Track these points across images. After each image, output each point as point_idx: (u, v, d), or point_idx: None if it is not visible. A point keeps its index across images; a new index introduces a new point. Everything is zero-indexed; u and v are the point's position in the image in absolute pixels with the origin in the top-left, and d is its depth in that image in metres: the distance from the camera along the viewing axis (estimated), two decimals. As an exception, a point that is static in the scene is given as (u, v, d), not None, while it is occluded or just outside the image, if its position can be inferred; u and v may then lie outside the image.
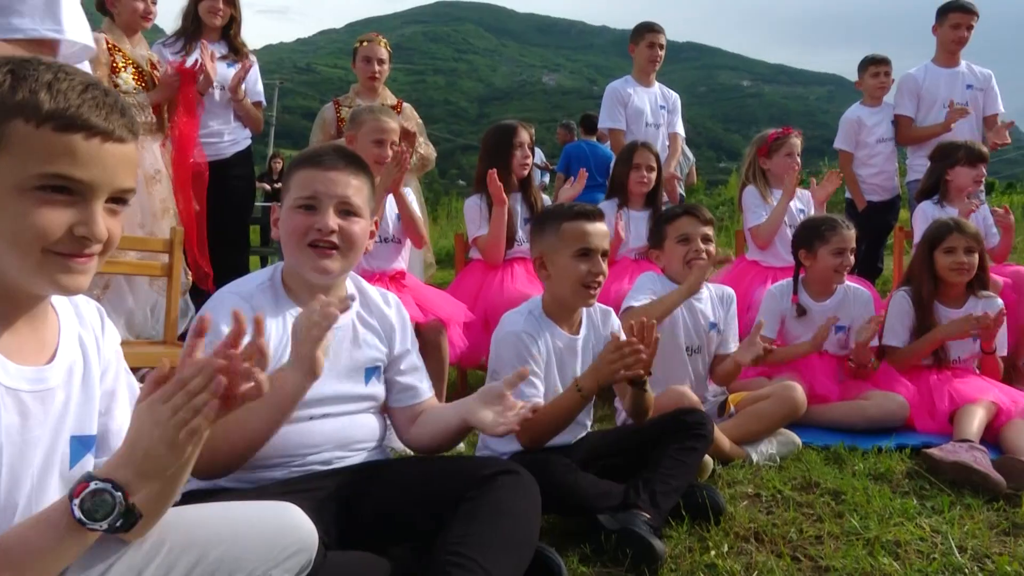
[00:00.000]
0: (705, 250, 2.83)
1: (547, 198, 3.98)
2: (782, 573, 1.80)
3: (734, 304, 2.99)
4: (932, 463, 2.49)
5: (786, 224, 3.91)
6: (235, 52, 4.02)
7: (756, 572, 1.80)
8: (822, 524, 2.07)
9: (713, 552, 1.89)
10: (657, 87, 4.77)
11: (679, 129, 4.86)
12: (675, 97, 4.85)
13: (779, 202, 3.94)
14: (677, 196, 4.70)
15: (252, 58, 4.10)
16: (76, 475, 1.06)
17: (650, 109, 4.65)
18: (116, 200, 1.05)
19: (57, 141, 0.97)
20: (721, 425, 2.67)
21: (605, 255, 2.21)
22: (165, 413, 0.97)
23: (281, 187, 1.84)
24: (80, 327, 1.18)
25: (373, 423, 1.83)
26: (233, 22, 4.05)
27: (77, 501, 0.95)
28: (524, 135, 3.64)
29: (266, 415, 1.51)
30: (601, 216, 2.26)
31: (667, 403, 2.40)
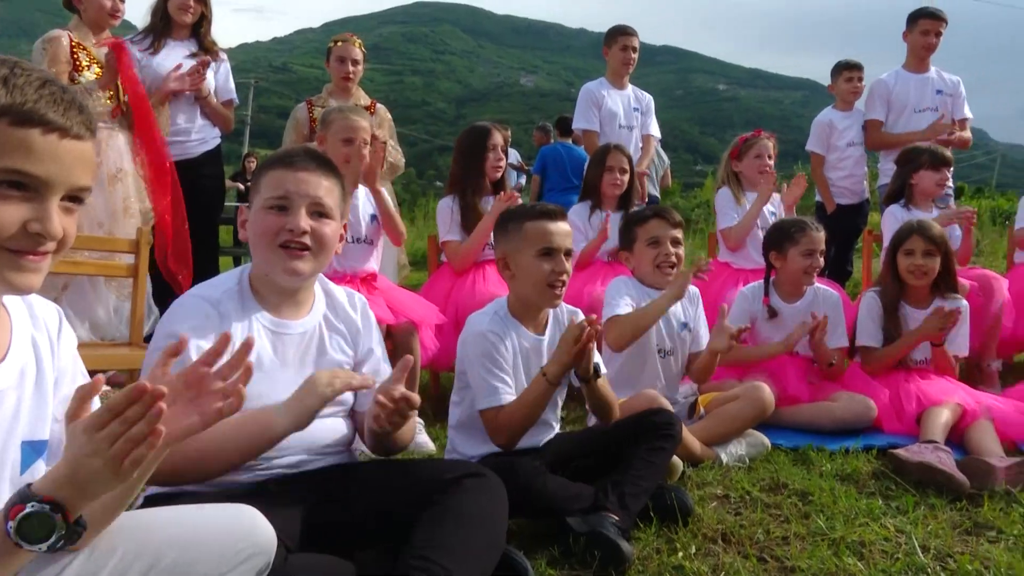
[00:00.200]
0: (675, 253, 2.85)
1: (522, 200, 3.97)
2: (748, 574, 1.81)
3: (700, 301, 3.01)
4: (898, 463, 2.52)
5: (758, 226, 3.94)
6: (205, 50, 3.97)
7: (723, 573, 1.81)
8: (789, 525, 2.09)
9: (681, 554, 1.89)
10: (631, 89, 4.80)
11: (653, 130, 4.89)
12: (648, 99, 4.88)
13: (753, 205, 3.97)
14: (645, 194, 4.72)
15: (223, 55, 4.05)
16: (26, 481, 1.03)
17: (623, 111, 4.67)
18: (72, 198, 1.03)
19: (13, 136, 0.95)
20: (691, 427, 2.69)
21: (568, 254, 2.21)
22: (102, 444, 0.93)
23: (250, 189, 1.81)
24: (33, 328, 1.15)
25: (341, 427, 1.81)
26: (203, 20, 4.00)
27: (13, 524, 0.92)
28: (498, 137, 3.63)
29: (244, 447, 1.53)
30: (563, 216, 2.25)
31: (638, 406, 2.41)
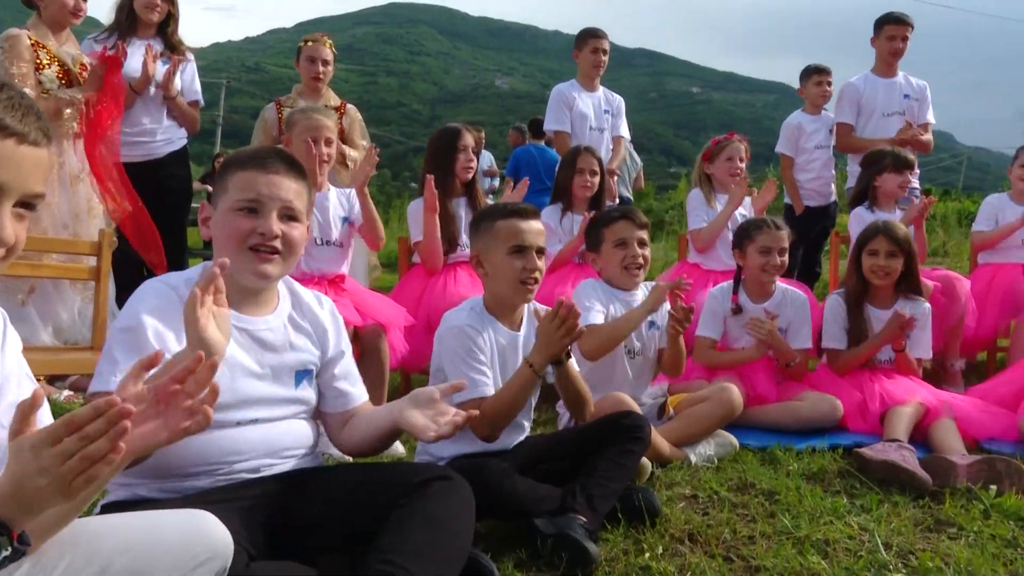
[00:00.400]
0: (642, 254, 2.86)
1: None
2: (714, 574, 1.82)
3: (667, 301, 3.03)
4: (863, 462, 2.56)
5: (728, 228, 3.98)
6: (172, 49, 3.92)
7: (689, 573, 1.82)
8: (755, 524, 2.10)
9: (648, 554, 1.90)
10: (602, 91, 4.81)
11: (623, 132, 4.91)
12: (619, 101, 4.90)
13: (724, 208, 4.01)
14: (616, 194, 4.74)
15: (189, 55, 4.00)
16: None
17: (594, 113, 4.69)
18: (25, 204, 1.01)
19: None
20: (660, 428, 2.70)
21: (541, 252, 2.24)
22: (53, 461, 0.90)
23: (215, 186, 1.77)
24: None
25: (304, 429, 1.79)
26: (170, 18, 3.95)
27: None
28: (468, 139, 3.63)
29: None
30: (536, 214, 2.29)
31: (607, 408, 2.42)
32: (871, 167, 4.10)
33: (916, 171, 4.57)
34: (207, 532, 1.19)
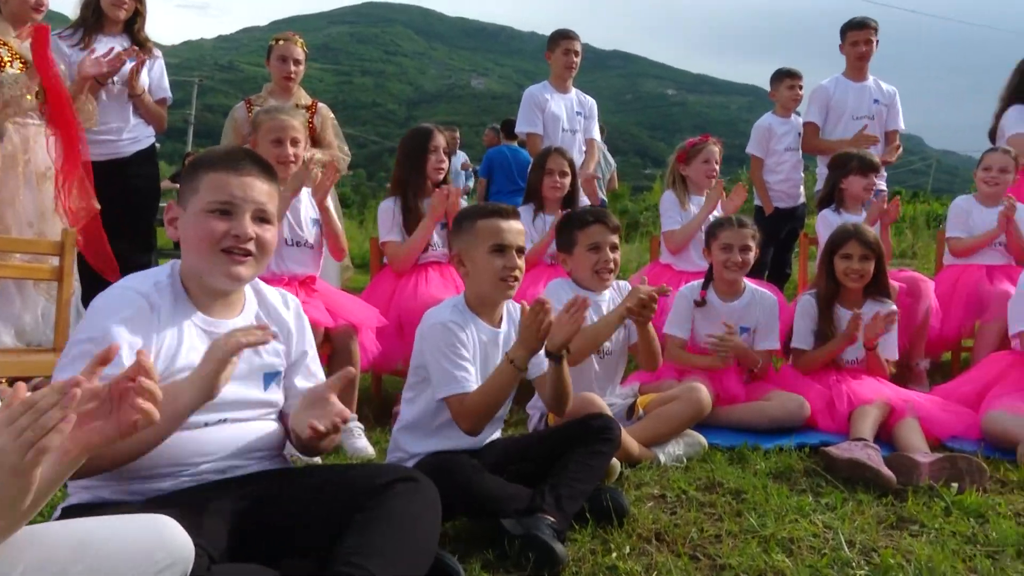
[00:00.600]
0: (613, 259, 2.87)
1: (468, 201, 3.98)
2: (680, 573, 1.83)
3: None
4: (829, 461, 2.59)
5: (702, 230, 4.00)
6: (139, 47, 3.86)
7: (656, 572, 1.83)
8: (722, 523, 2.12)
9: (615, 554, 1.91)
10: (574, 93, 4.82)
11: (595, 134, 4.92)
12: (591, 103, 4.91)
13: (700, 211, 4.04)
14: (598, 198, 4.76)
15: (157, 52, 3.94)
16: None
17: (566, 115, 4.69)
18: None
19: None
20: (629, 428, 2.71)
21: (521, 251, 2.27)
22: (7, 437, 0.92)
23: (183, 185, 1.74)
24: None
25: (272, 431, 1.77)
26: (138, 16, 3.88)
27: None
28: (440, 139, 3.61)
29: (156, 425, 1.45)
30: (516, 214, 2.32)
31: (576, 409, 2.42)
32: (837, 170, 4.16)
33: (883, 173, 4.65)
34: (167, 537, 1.18)
